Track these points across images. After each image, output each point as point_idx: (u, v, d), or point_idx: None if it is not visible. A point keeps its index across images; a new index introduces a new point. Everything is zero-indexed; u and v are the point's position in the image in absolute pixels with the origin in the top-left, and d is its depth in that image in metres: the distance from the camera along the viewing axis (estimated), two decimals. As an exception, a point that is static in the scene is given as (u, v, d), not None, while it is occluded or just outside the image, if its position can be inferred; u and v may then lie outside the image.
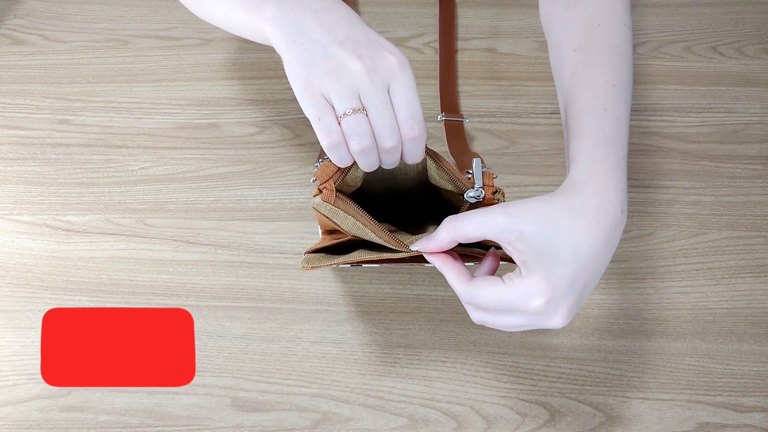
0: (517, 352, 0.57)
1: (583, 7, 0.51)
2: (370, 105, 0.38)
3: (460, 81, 0.69)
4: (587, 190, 0.41)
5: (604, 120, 0.45)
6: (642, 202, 0.63)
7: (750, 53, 0.70)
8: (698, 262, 0.60)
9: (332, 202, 0.43)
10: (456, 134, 0.63)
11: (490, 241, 0.41)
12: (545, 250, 0.38)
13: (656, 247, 0.61)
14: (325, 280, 0.59)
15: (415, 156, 0.41)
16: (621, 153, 0.44)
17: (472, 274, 0.42)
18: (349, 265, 0.53)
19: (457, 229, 0.40)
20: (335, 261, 0.45)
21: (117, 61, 0.70)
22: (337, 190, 0.44)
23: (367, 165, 0.40)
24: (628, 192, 0.63)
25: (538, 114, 0.67)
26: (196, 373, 0.56)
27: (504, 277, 0.40)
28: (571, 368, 0.56)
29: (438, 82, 0.68)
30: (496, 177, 0.44)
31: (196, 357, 0.57)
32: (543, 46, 0.71)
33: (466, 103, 0.68)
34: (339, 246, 0.50)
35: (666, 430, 0.54)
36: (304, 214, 0.62)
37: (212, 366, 0.56)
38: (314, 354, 0.57)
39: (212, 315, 0.58)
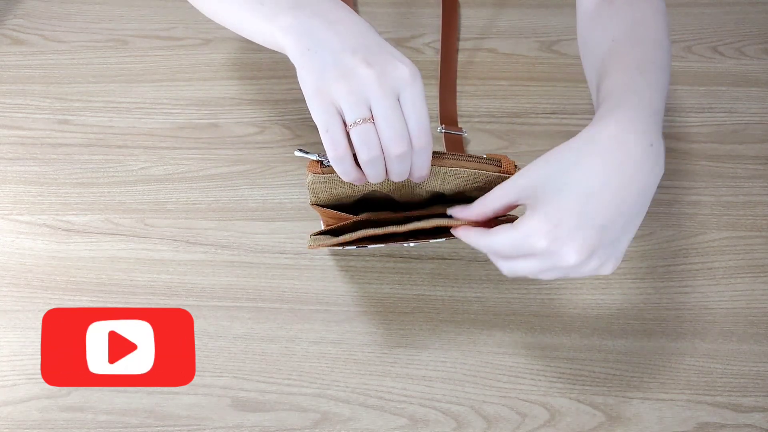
0: (517, 352, 0.57)
1: (622, 16, 0.49)
2: (379, 112, 0.38)
3: (460, 81, 0.69)
4: (606, 126, 0.39)
5: (641, 79, 0.42)
6: (642, 202, 0.63)
7: (750, 53, 0.70)
8: (698, 262, 0.60)
9: (330, 172, 0.43)
10: (455, 146, 0.64)
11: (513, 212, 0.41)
12: (550, 189, 0.38)
13: (656, 247, 0.61)
14: (325, 280, 0.59)
15: (421, 168, 0.41)
16: (653, 103, 0.41)
17: None
18: (354, 247, 0.53)
19: (486, 202, 0.41)
20: (341, 238, 0.45)
21: (117, 61, 0.70)
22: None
23: (374, 175, 0.40)
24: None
25: (537, 114, 0.67)
26: (196, 373, 0.56)
27: (515, 221, 0.40)
28: (571, 368, 0.56)
29: (438, 87, 0.67)
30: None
31: (196, 357, 0.57)
32: (543, 46, 0.71)
33: (466, 103, 0.68)
34: (344, 228, 0.50)
35: (666, 430, 0.54)
36: (304, 214, 0.62)
37: (212, 366, 0.56)
38: (314, 354, 0.57)
39: (212, 315, 0.58)
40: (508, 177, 0.42)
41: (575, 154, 0.38)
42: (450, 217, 0.44)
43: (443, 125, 0.64)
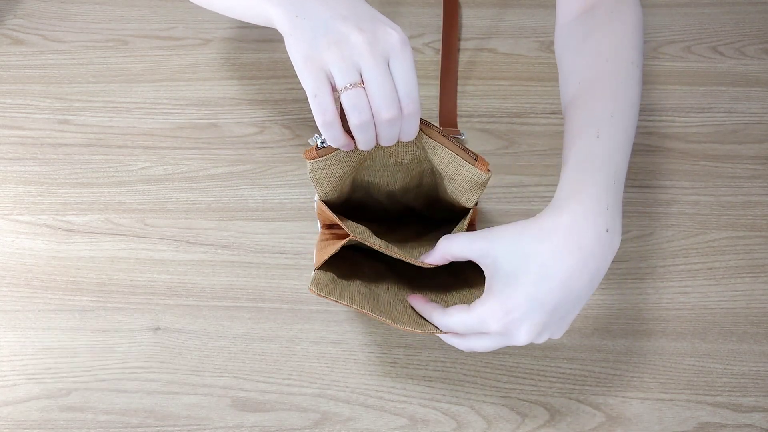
0: (517, 352, 0.57)
1: (594, 43, 0.52)
2: (370, 76, 0.38)
3: (460, 81, 0.69)
4: (562, 211, 0.41)
5: (596, 144, 0.45)
6: (642, 202, 0.63)
7: (750, 53, 0.70)
8: (698, 262, 0.60)
9: (325, 154, 0.43)
10: None
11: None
12: (508, 274, 0.41)
13: (656, 247, 0.61)
14: (325, 280, 0.60)
15: (409, 134, 0.41)
16: (612, 176, 0.44)
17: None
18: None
19: (447, 248, 0.44)
20: (342, 300, 0.45)
21: (117, 61, 0.70)
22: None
23: (365, 141, 0.40)
24: (627, 192, 0.63)
25: (537, 114, 0.67)
26: (196, 373, 0.56)
27: (471, 304, 0.43)
28: (571, 368, 0.56)
29: (438, 87, 0.67)
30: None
31: (196, 357, 0.57)
32: (543, 46, 0.71)
33: (466, 103, 0.68)
34: (343, 260, 0.50)
35: (666, 430, 0.54)
36: (304, 214, 0.62)
37: (212, 366, 0.56)
38: (314, 354, 0.57)
39: (212, 315, 0.58)
40: (478, 172, 0.44)
41: (534, 238, 0.41)
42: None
43: (441, 128, 0.64)
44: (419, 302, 0.47)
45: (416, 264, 0.46)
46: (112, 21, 0.73)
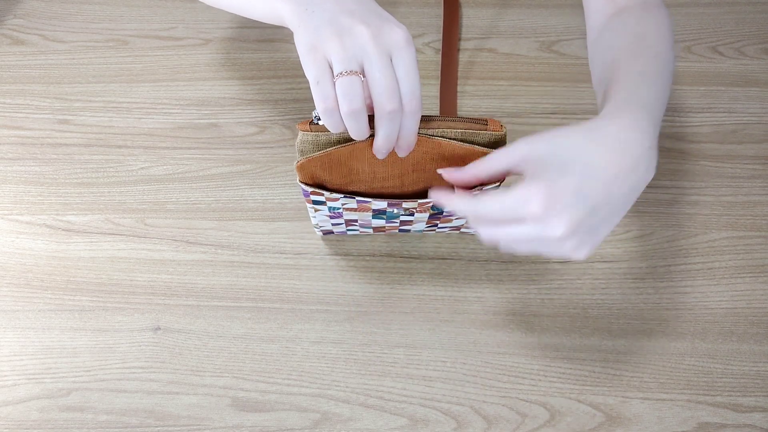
0: (517, 352, 0.57)
1: (630, 29, 0.51)
2: (372, 68, 0.39)
3: (460, 81, 0.69)
4: (612, 121, 0.41)
5: (642, 82, 0.44)
6: (642, 202, 0.63)
7: (750, 53, 0.70)
8: (698, 262, 0.60)
9: (318, 131, 0.43)
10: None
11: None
12: (554, 163, 0.39)
13: (656, 247, 0.61)
14: (325, 280, 0.59)
15: (408, 132, 0.41)
16: (653, 113, 0.43)
17: None
18: (341, 196, 0.51)
19: (481, 166, 0.42)
20: (330, 149, 0.44)
21: (117, 61, 0.70)
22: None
23: (356, 130, 0.40)
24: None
25: (537, 114, 0.67)
26: (196, 373, 0.56)
27: (508, 187, 0.40)
28: (571, 368, 0.56)
29: (438, 87, 0.67)
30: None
31: (196, 357, 0.57)
32: (543, 46, 0.71)
33: (466, 103, 0.68)
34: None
35: (666, 430, 0.54)
36: (304, 214, 0.62)
37: (212, 366, 0.56)
38: (314, 354, 0.57)
39: (212, 315, 0.58)
40: (494, 133, 0.44)
41: (583, 137, 0.40)
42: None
43: (441, 116, 0.64)
44: (442, 195, 0.44)
45: (442, 174, 0.44)
46: (112, 21, 0.73)
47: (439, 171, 0.45)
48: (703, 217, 0.62)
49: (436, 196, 0.44)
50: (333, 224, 0.57)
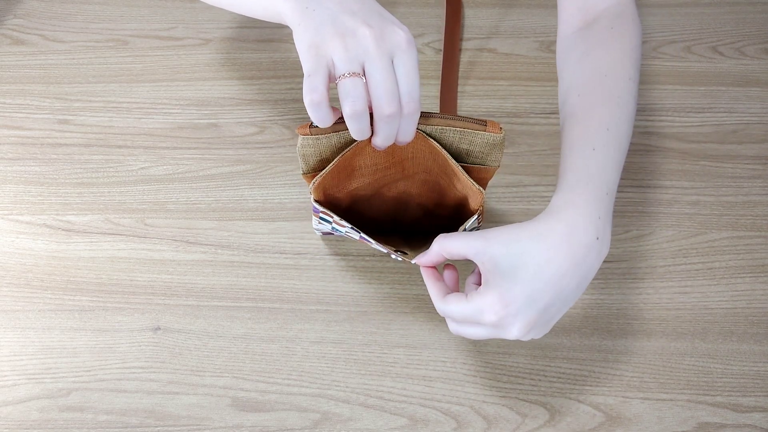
0: (517, 352, 0.57)
1: (593, 57, 0.53)
2: (373, 70, 0.39)
3: (460, 81, 0.69)
4: (558, 217, 0.44)
5: (591, 157, 0.47)
6: (642, 202, 0.63)
7: (750, 53, 0.70)
8: (698, 262, 0.60)
9: (318, 134, 0.43)
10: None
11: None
12: (507, 271, 0.42)
13: (656, 247, 0.61)
14: (325, 280, 0.60)
15: (406, 133, 0.42)
16: (604, 188, 0.46)
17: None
18: (347, 228, 0.52)
19: (444, 246, 0.45)
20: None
21: (117, 61, 0.70)
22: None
23: (357, 131, 0.40)
24: (627, 192, 0.63)
25: (537, 114, 0.67)
26: (196, 373, 0.56)
27: (469, 294, 0.44)
28: (571, 368, 0.56)
29: (438, 87, 0.67)
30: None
31: (196, 357, 0.57)
32: (542, 46, 0.71)
33: (465, 103, 0.68)
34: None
35: (666, 430, 0.54)
36: (304, 214, 0.62)
37: (212, 366, 0.56)
38: (314, 354, 0.57)
39: (212, 315, 0.58)
40: (492, 135, 0.45)
41: (533, 241, 0.43)
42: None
43: (441, 113, 0.64)
44: (429, 274, 0.48)
45: (412, 263, 0.48)
46: (112, 21, 0.73)
47: (413, 260, 0.48)
48: (703, 217, 0.62)
49: (424, 271, 0.49)
50: (333, 229, 0.57)
